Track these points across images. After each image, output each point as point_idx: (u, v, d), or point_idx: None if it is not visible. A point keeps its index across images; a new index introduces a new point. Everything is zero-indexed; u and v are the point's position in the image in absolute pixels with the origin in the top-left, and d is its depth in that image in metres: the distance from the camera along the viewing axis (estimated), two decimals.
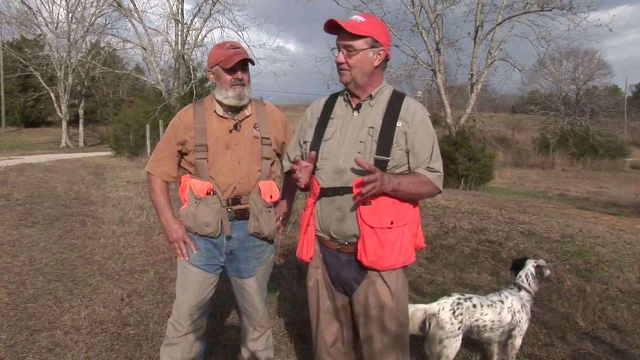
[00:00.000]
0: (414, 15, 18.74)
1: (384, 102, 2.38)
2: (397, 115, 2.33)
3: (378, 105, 2.38)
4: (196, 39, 25.46)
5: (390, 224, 2.28)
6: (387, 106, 2.36)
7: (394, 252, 2.30)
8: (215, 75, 2.76)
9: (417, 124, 2.33)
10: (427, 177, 2.32)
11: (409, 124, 2.32)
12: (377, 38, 2.32)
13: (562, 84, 39.15)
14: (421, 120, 2.35)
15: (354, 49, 2.31)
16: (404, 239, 2.32)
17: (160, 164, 2.83)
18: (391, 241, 2.29)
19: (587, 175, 26.37)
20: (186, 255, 2.80)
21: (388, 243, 2.28)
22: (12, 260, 5.76)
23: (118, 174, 14.22)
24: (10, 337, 3.82)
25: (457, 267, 5.68)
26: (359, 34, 2.29)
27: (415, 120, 2.33)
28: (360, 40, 2.30)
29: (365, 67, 2.33)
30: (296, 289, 4.78)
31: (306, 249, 2.48)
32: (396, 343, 2.39)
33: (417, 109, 2.37)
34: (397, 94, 2.42)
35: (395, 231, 2.30)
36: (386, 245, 2.28)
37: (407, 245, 2.34)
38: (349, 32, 2.28)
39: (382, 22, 2.40)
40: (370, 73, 2.36)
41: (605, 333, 4.06)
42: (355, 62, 2.33)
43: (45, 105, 41.12)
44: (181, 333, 2.79)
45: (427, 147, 2.34)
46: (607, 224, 8.28)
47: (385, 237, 2.28)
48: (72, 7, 33.78)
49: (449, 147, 17.10)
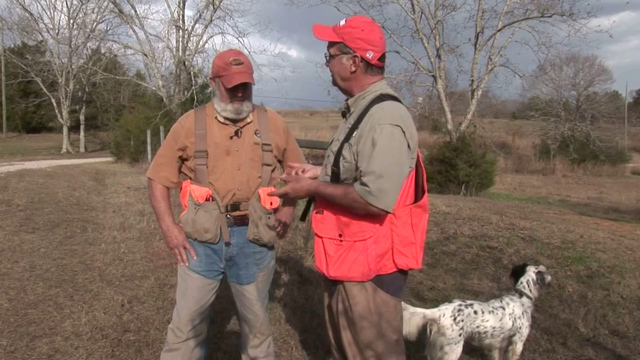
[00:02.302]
0: (414, 22, 18.84)
1: (361, 109, 2.27)
2: (358, 125, 2.23)
3: (355, 113, 2.30)
4: (197, 45, 25.49)
5: (339, 236, 2.24)
6: (359, 114, 2.25)
7: (337, 265, 2.25)
8: (216, 85, 2.77)
9: (365, 132, 2.16)
10: (353, 188, 2.13)
11: (360, 133, 2.20)
12: (349, 43, 2.24)
13: (562, 89, 39.19)
14: (370, 128, 2.15)
15: (330, 55, 2.33)
16: (355, 255, 2.22)
17: (161, 169, 2.84)
18: (333, 254, 2.25)
19: (588, 181, 26.36)
20: (186, 261, 2.80)
21: (330, 256, 2.26)
22: (13, 266, 5.76)
23: (119, 180, 14.21)
24: (11, 343, 3.81)
25: (458, 273, 5.67)
26: (331, 40, 2.29)
27: (366, 129, 2.16)
28: (333, 47, 2.30)
29: (342, 72, 2.31)
30: (297, 295, 4.77)
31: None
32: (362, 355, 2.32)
33: (373, 116, 2.17)
34: (377, 99, 2.24)
35: (343, 245, 2.24)
36: (329, 257, 2.27)
37: (360, 261, 2.21)
38: (324, 39, 2.30)
39: (364, 24, 2.27)
40: (348, 78, 2.32)
41: (606, 339, 4.06)
42: (332, 68, 2.34)
43: (46, 111, 41.17)
44: (181, 339, 2.78)
45: (364, 157, 2.13)
46: (608, 229, 8.27)
47: (329, 248, 2.27)
48: (74, 14, 33.90)
49: (450, 153, 17.14)
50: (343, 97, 2.44)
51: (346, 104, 2.37)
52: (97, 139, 41.53)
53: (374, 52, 2.27)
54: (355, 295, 2.27)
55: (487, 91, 25.03)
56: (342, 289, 2.31)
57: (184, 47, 25.10)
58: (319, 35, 2.29)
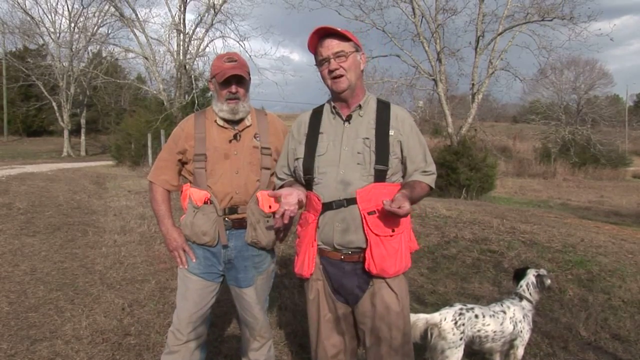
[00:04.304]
0: (415, 25, 18.86)
1: (372, 111, 2.44)
2: (388, 124, 2.40)
3: (367, 115, 2.43)
4: (198, 49, 25.60)
5: (392, 232, 2.32)
6: (377, 115, 2.42)
7: (398, 259, 2.34)
8: (213, 87, 2.82)
9: (408, 131, 2.43)
10: (424, 183, 2.42)
11: (401, 131, 2.40)
12: (357, 43, 2.41)
13: (563, 93, 39.26)
14: (411, 127, 2.45)
15: (345, 53, 2.35)
16: (402, 246, 2.37)
17: (162, 172, 2.86)
18: (395, 248, 2.33)
19: (589, 184, 26.36)
20: (185, 264, 2.82)
21: (392, 250, 2.32)
22: (14, 270, 5.76)
23: (119, 183, 14.23)
24: (11, 347, 3.81)
25: (458, 277, 5.67)
26: (348, 37, 2.37)
27: (406, 127, 2.43)
28: (347, 44, 2.37)
29: (356, 69, 2.40)
30: (297, 299, 4.77)
31: (307, 265, 2.45)
32: (402, 348, 2.41)
33: (405, 117, 2.46)
34: (382, 102, 2.49)
35: (396, 239, 2.34)
36: (391, 253, 2.32)
37: (405, 251, 2.39)
38: (337, 39, 2.34)
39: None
40: (360, 77, 2.43)
41: (607, 343, 4.05)
42: (350, 65, 2.37)
43: (47, 114, 41.29)
44: (181, 341, 2.78)
45: (421, 152, 2.44)
46: (608, 233, 8.27)
47: (390, 244, 2.32)
48: (75, 17, 34.05)
49: (451, 157, 17.14)
50: None
51: (359, 105, 2.44)
52: (98, 142, 41.59)
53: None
54: (397, 286, 2.40)
55: (488, 95, 25.16)
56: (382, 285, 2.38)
57: (184, 51, 25.18)
58: (342, 31, 2.36)
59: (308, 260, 2.45)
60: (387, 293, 2.37)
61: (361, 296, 2.40)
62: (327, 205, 2.36)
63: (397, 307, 2.38)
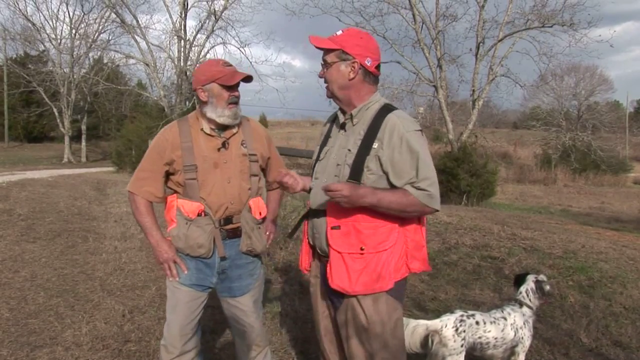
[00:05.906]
0: (415, 32, 18.90)
1: (368, 120, 2.28)
2: (374, 136, 2.22)
3: (361, 124, 2.30)
4: (199, 55, 25.63)
5: (360, 249, 2.22)
6: (369, 125, 2.25)
7: (362, 279, 2.22)
8: (208, 93, 2.65)
9: (395, 143, 2.18)
10: (413, 196, 2.16)
11: (385, 144, 2.19)
12: (348, 50, 2.24)
13: (563, 99, 39.20)
14: (400, 138, 2.18)
15: (327, 63, 2.31)
16: (378, 266, 2.22)
17: (145, 183, 2.73)
18: (358, 269, 2.22)
19: (590, 190, 26.30)
20: (176, 276, 2.74)
21: (354, 270, 2.22)
22: (14, 276, 5.75)
23: (120, 190, 14.21)
24: (11, 354, 3.80)
25: (459, 283, 5.66)
26: (328, 48, 2.28)
27: (393, 139, 2.18)
28: (331, 54, 2.29)
29: (340, 80, 2.29)
30: (297, 305, 4.76)
31: (303, 259, 2.57)
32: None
33: (396, 126, 2.19)
34: (384, 109, 2.28)
35: (365, 258, 2.22)
36: (352, 272, 2.22)
37: (383, 272, 2.23)
38: (323, 47, 2.29)
39: (361, 33, 2.33)
40: (346, 87, 2.29)
41: (609, 350, 4.03)
42: (329, 76, 2.31)
43: (48, 120, 41.29)
44: (174, 354, 2.73)
45: (410, 166, 2.18)
46: (609, 239, 8.26)
47: (352, 263, 2.23)
48: (76, 24, 34.04)
49: (451, 163, 17.12)
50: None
51: (350, 114, 2.33)
52: (99, 148, 41.58)
53: (372, 60, 2.29)
54: (369, 305, 2.27)
55: (488, 101, 25.15)
56: (353, 300, 2.29)
57: (185, 57, 25.23)
58: (317, 43, 2.29)
59: (304, 255, 2.55)
60: (357, 309, 2.29)
61: (338, 306, 2.38)
62: (312, 210, 2.40)
63: (365, 326, 2.28)
